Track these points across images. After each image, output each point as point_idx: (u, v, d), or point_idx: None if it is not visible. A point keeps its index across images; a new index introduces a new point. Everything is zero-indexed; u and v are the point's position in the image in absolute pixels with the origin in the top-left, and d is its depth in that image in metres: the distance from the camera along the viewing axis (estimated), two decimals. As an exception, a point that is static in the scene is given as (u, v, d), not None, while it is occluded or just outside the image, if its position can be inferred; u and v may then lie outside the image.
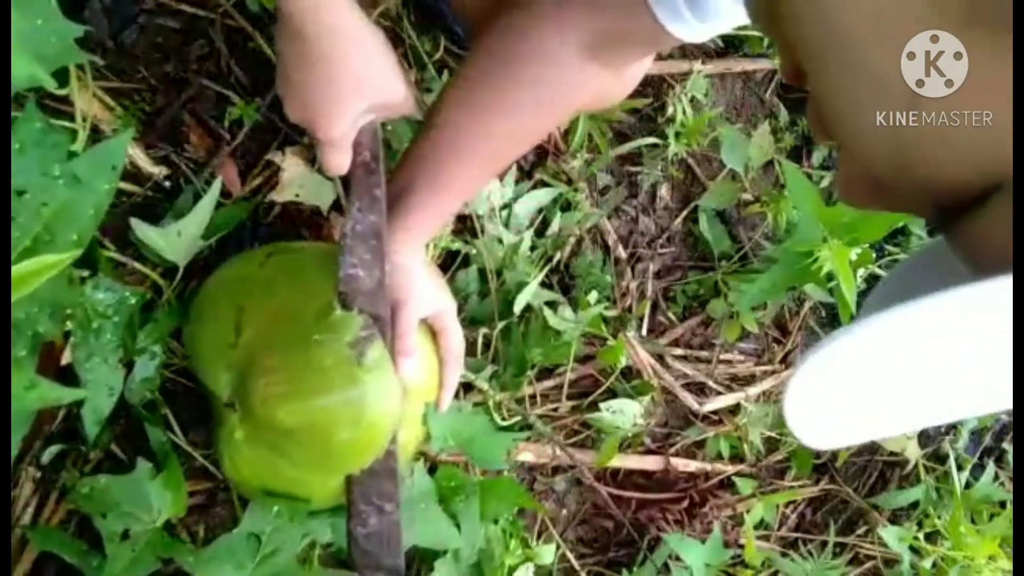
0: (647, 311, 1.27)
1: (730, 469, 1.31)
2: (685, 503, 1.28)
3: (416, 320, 0.79)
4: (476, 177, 0.80)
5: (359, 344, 0.73)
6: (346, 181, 0.78)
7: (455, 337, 0.84)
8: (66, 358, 0.74)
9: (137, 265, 0.84)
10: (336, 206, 1.01)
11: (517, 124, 0.75)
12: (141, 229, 0.83)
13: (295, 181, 0.97)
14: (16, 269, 0.57)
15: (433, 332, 0.85)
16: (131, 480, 0.76)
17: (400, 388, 0.76)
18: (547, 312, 1.09)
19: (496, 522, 0.98)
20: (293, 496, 0.79)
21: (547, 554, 1.05)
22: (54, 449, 0.80)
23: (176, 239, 0.84)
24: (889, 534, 1.33)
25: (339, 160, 0.74)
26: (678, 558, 1.19)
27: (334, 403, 0.73)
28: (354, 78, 0.69)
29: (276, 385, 0.74)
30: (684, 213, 1.32)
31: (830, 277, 1.14)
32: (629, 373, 1.21)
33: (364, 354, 0.73)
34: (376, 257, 0.75)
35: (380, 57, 0.71)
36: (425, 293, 0.80)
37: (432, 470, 0.93)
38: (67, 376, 0.73)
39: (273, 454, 0.77)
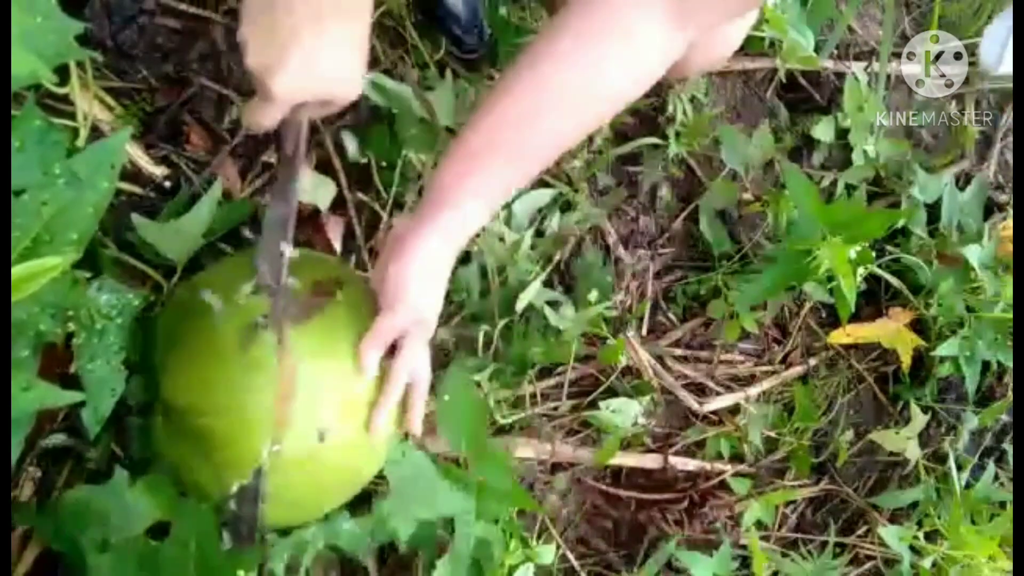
0: (647, 311, 1.27)
1: (730, 469, 1.31)
2: (685, 503, 1.28)
3: (398, 327, 0.74)
4: (521, 175, 0.73)
5: (249, 330, 0.71)
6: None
7: (422, 360, 0.78)
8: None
9: (139, 265, 0.84)
10: (335, 205, 1.01)
11: (586, 99, 0.70)
12: (141, 224, 0.83)
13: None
14: (16, 270, 0.57)
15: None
16: (110, 489, 0.75)
17: (275, 389, 0.71)
18: (548, 311, 1.09)
19: (496, 522, 0.98)
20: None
21: (547, 554, 1.05)
22: (53, 446, 0.80)
23: (175, 236, 0.84)
24: (889, 533, 1.33)
25: (265, 118, 0.70)
26: (678, 566, 1.19)
27: (213, 389, 0.71)
28: (329, 47, 0.66)
29: (175, 374, 0.73)
30: (684, 213, 1.32)
31: (830, 277, 1.14)
32: (629, 373, 1.21)
33: (251, 342, 0.71)
34: (277, 257, 0.73)
35: (358, 45, 0.69)
36: (421, 304, 0.74)
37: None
38: (71, 377, 0.73)
39: (184, 444, 0.74)
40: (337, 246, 1.00)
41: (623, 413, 1.18)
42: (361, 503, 0.89)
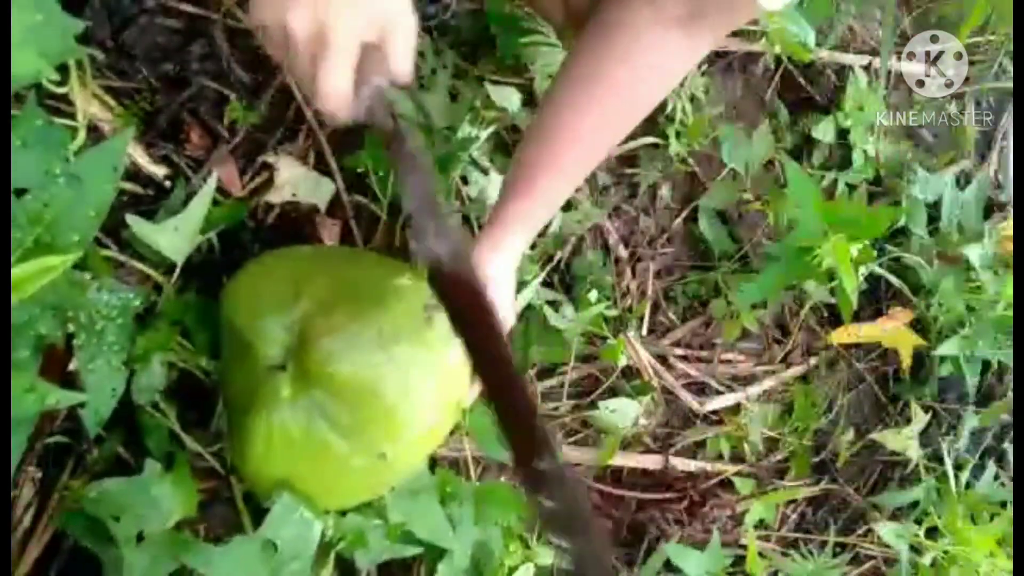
0: (647, 311, 1.27)
1: (730, 469, 1.31)
2: (685, 503, 1.28)
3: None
4: (567, 180, 0.82)
5: (430, 309, 0.78)
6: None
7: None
8: (73, 362, 0.74)
9: (138, 265, 0.84)
10: (334, 204, 1.01)
11: (610, 121, 0.78)
12: (138, 225, 0.82)
13: (291, 182, 0.97)
14: (16, 271, 0.57)
15: None
16: (141, 482, 0.76)
17: (450, 366, 0.79)
18: (548, 311, 1.09)
19: (497, 524, 0.98)
20: (313, 475, 0.79)
21: (547, 554, 1.05)
22: (55, 445, 0.80)
23: (173, 234, 0.84)
24: (887, 531, 1.33)
25: (338, 82, 0.55)
26: (677, 569, 1.19)
27: (396, 358, 0.77)
28: None
29: (344, 339, 0.76)
30: (685, 213, 1.32)
31: (831, 275, 1.13)
32: (630, 372, 1.21)
33: (432, 319, 0.78)
34: (440, 219, 0.64)
35: None
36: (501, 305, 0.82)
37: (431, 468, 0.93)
38: (71, 377, 0.73)
39: (315, 416, 0.77)
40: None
41: (623, 413, 1.18)
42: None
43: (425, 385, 0.79)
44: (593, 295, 1.11)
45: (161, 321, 0.81)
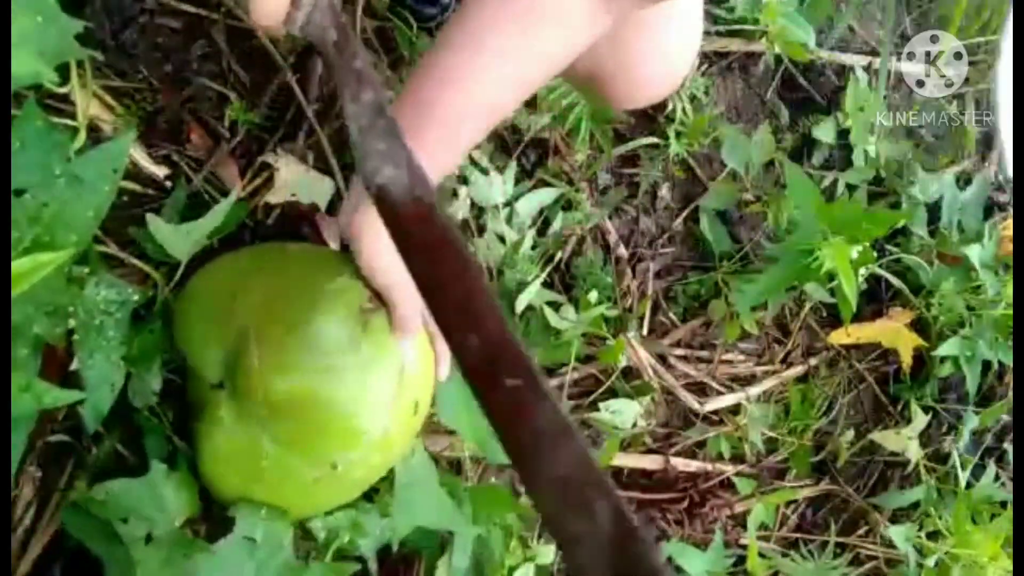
0: (647, 311, 1.27)
1: (730, 469, 1.31)
2: (685, 503, 1.28)
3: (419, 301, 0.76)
4: (464, 125, 0.71)
5: (364, 313, 0.74)
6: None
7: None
8: (74, 362, 0.74)
9: (137, 262, 0.84)
10: (334, 203, 1.01)
11: (511, 64, 0.69)
12: (155, 224, 0.82)
13: (290, 181, 0.97)
14: (12, 267, 0.57)
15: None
16: (147, 482, 0.75)
17: (399, 366, 0.75)
18: (548, 312, 1.09)
19: (496, 522, 0.98)
20: (268, 488, 0.77)
21: (547, 554, 1.05)
22: (55, 445, 0.80)
23: (184, 238, 0.84)
24: (895, 533, 1.33)
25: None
26: (679, 568, 1.19)
27: (335, 368, 0.73)
28: None
29: (277, 355, 0.73)
30: (685, 213, 1.32)
31: (831, 276, 1.13)
32: (630, 373, 1.21)
33: (368, 323, 0.74)
34: (393, 139, 0.53)
35: None
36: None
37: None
38: (72, 376, 0.73)
39: (258, 433, 0.75)
40: (334, 245, 1.00)
41: (623, 414, 1.18)
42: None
43: (368, 390, 0.76)
44: (593, 295, 1.11)
45: (156, 322, 0.81)
